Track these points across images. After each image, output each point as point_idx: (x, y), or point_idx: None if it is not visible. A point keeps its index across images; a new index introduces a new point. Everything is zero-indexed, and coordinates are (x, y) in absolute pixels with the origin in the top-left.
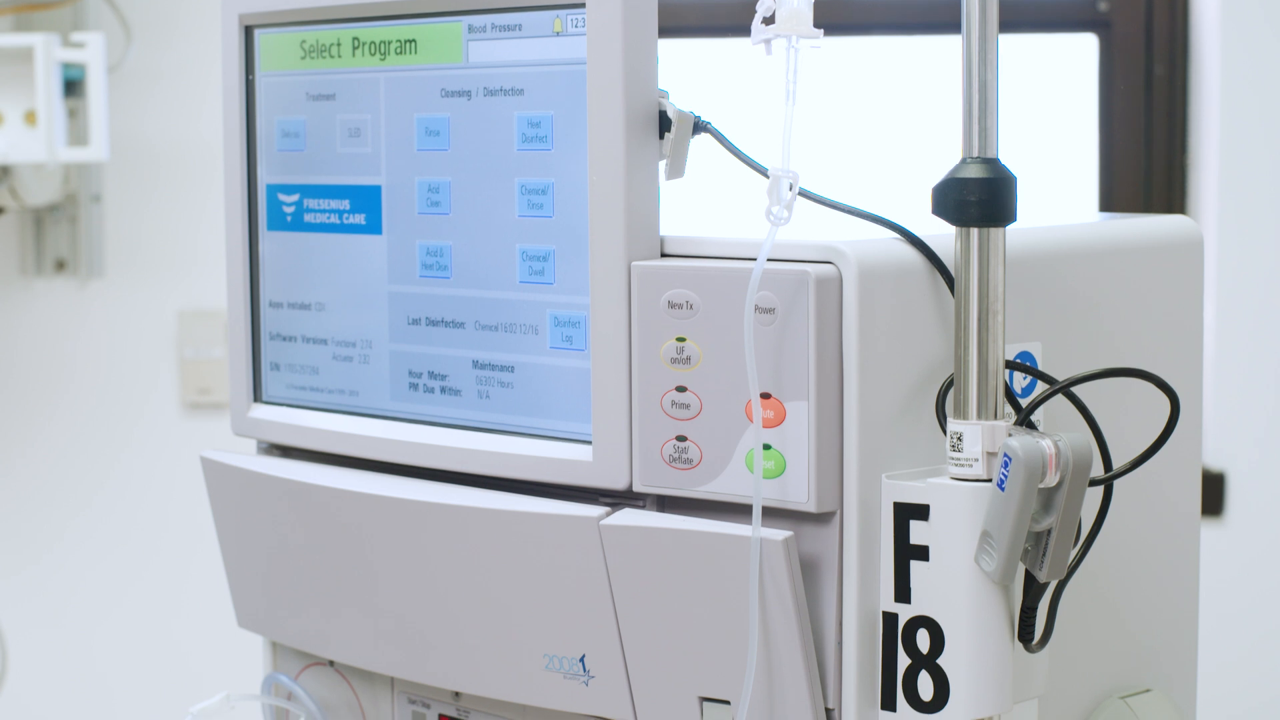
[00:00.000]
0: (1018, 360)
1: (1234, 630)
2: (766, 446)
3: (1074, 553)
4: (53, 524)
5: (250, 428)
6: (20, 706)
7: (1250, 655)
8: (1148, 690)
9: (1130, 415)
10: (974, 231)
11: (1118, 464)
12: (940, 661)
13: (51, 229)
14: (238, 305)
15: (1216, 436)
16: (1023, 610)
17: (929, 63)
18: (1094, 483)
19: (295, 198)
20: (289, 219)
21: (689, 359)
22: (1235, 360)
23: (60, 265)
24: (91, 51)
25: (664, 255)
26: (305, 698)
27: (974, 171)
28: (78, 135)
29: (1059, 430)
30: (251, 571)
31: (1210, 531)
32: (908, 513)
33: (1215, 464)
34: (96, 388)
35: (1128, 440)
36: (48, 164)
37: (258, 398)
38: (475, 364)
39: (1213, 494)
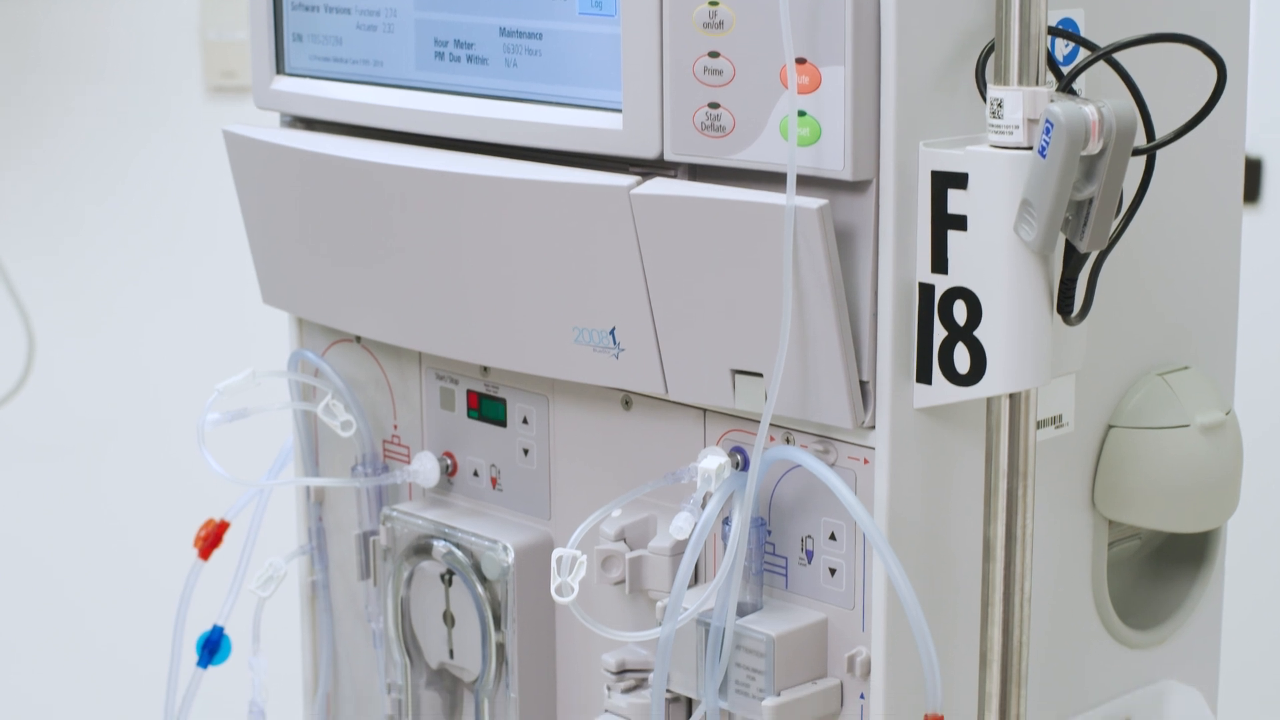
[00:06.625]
0: (1060, 27)
1: (1269, 312)
2: (801, 113)
3: (1115, 224)
4: (78, 206)
5: (273, 100)
6: (47, 376)
7: None
8: (1186, 368)
9: (1173, 91)
10: None
11: (1161, 135)
12: (977, 333)
13: None
14: None
15: (1254, 123)
16: (1062, 282)
17: None
18: (1137, 152)
19: None
20: None
21: (721, 23)
22: (1274, 44)
23: None
24: None
25: None
26: (332, 374)
27: None
28: None
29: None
30: (276, 248)
31: (1246, 218)
32: (946, 181)
33: (1253, 150)
34: (120, 72)
35: (1171, 116)
36: None
37: (280, 69)
38: (502, 31)
39: (1250, 180)
